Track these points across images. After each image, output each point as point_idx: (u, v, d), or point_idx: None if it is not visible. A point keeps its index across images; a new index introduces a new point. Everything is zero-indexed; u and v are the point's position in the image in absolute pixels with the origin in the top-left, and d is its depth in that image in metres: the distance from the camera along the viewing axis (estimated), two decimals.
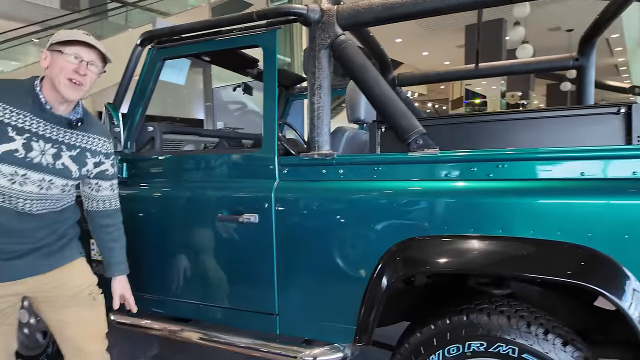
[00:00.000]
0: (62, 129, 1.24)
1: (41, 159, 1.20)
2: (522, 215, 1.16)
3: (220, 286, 1.61)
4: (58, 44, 1.17)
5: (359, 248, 1.36)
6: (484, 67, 2.47)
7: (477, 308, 1.23)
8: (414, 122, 1.34)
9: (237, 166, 1.60)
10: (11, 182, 1.16)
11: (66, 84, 1.17)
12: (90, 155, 1.32)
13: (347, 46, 1.42)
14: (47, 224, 1.27)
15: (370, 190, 1.35)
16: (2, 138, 1.13)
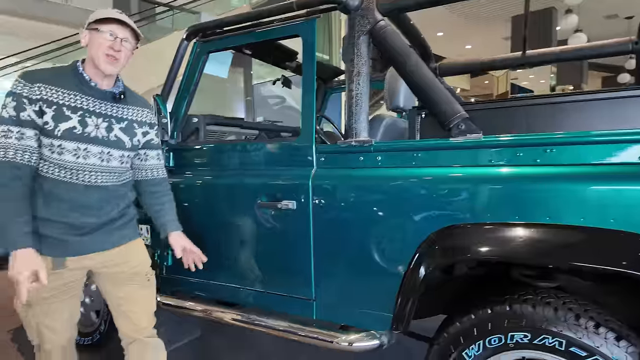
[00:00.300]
0: (108, 104, 1.34)
1: (96, 132, 1.30)
2: (572, 202, 1.10)
3: (258, 271, 1.66)
4: (95, 22, 1.26)
5: (397, 236, 1.35)
6: (532, 55, 2.34)
7: (522, 299, 1.19)
8: (456, 106, 1.31)
9: (275, 155, 1.64)
10: (75, 157, 1.27)
11: (104, 59, 1.27)
12: (137, 126, 1.42)
13: (388, 32, 1.41)
14: (110, 196, 1.36)
15: (409, 177, 1.34)
16: (60, 118, 1.24)
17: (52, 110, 1.24)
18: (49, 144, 1.24)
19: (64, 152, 1.26)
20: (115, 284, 1.41)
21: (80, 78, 1.30)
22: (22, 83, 1.23)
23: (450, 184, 1.26)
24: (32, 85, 1.23)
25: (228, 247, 1.72)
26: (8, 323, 2.66)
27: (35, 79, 1.24)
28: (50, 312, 1.33)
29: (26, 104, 1.21)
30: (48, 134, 1.23)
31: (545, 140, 1.17)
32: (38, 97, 1.22)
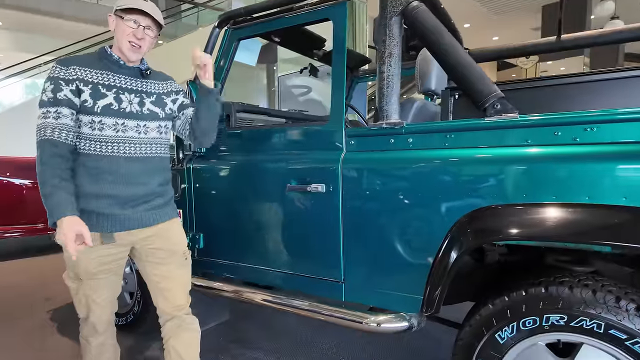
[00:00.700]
0: (137, 80, 1.42)
1: (131, 107, 1.38)
2: (612, 182, 1.07)
3: (288, 253, 1.68)
4: (120, 10, 1.32)
5: (428, 218, 1.34)
6: (567, 39, 2.27)
7: (558, 281, 1.16)
8: (492, 86, 1.28)
9: (305, 139, 1.65)
10: (115, 131, 1.34)
11: (128, 47, 1.35)
12: (165, 97, 1.49)
13: (420, 11, 1.39)
14: (150, 168, 1.42)
15: (442, 159, 1.32)
16: (97, 95, 1.32)
17: (89, 88, 1.31)
18: (90, 121, 1.31)
19: (104, 128, 1.32)
20: (154, 262, 1.47)
21: (110, 58, 1.38)
22: (58, 67, 1.31)
23: (485, 165, 1.25)
24: (68, 68, 1.30)
25: (258, 229, 1.75)
26: (45, 304, 2.81)
27: (70, 62, 1.32)
28: (97, 288, 1.39)
29: (62, 84, 1.28)
30: (88, 111, 1.30)
31: (585, 118, 1.14)
32: (74, 77, 1.29)
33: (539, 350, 1.18)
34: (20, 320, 2.51)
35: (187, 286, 1.54)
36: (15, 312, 2.64)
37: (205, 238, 1.94)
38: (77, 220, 1.24)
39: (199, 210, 1.95)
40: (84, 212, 1.32)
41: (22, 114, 8.60)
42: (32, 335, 2.32)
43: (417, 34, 1.42)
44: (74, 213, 1.24)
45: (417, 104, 1.61)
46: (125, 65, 1.39)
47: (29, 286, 3.18)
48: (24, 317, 2.57)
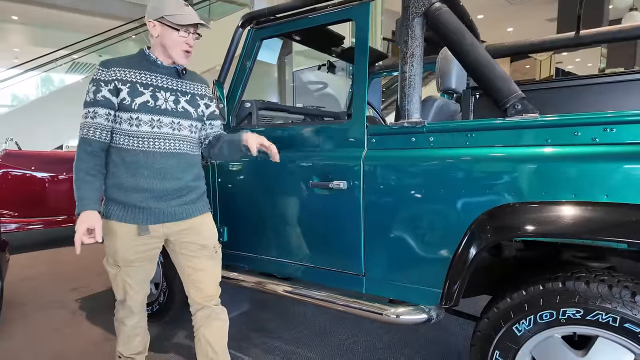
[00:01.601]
0: (173, 79, 1.50)
1: (166, 105, 1.45)
2: (630, 181, 1.10)
3: (310, 247, 1.75)
4: (170, 21, 1.38)
5: (448, 215, 1.39)
6: (586, 35, 2.27)
7: (575, 276, 1.21)
8: (513, 86, 1.32)
9: (328, 136, 1.70)
10: (151, 127, 1.42)
11: (181, 55, 1.45)
12: (199, 99, 1.56)
13: (443, 12, 1.43)
14: (183, 163, 1.49)
15: (463, 157, 1.37)
16: (135, 93, 1.40)
17: (127, 87, 1.39)
18: (128, 118, 1.39)
19: (141, 124, 1.40)
20: (187, 255, 1.54)
21: (148, 59, 1.46)
22: (100, 70, 1.40)
23: (505, 164, 1.29)
24: (108, 70, 1.39)
25: (281, 224, 1.82)
26: (73, 294, 2.93)
27: (110, 64, 1.40)
28: (133, 274, 1.49)
29: (102, 86, 1.38)
30: (126, 108, 1.38)
31: (605, 119, 1.17)
32: (113, 77, 1.38)
33: (555, 342, 1.23)
34: (52, 310, 2.63)
35: (218, 278, 1.62)
36: (46, 302, 2.77)
37: (229, 231, 2.01)
38: (94, 215, 1.35)
39: (223, 204, 2.03)
40: (123, 204, 1.43)
41: (40, 109, 8.77)
42: (65, 322, 2.44)
43: (440, 34, 1.46)
44: (93, 208, 1.36)
45: (438, 102, 1.65)
46: (162, 65, 1.47)
47: (55, 277, 3.31)
48: (55, 306, 2.69)
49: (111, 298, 2.70)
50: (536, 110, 1.28)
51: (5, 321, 2.44)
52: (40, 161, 4.23)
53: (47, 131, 8.77)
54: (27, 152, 4.45)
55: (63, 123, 8.92)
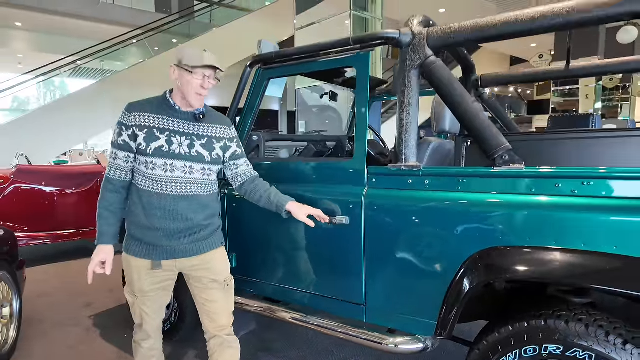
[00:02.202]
0: (190, 124, 1.59)
1: (180, 149, 1.55)
2: (606, 232, 1.23)
3: (315, 277, 1.87)
4: (189, 65, 1.49)
5: (442, 253, 1.51)
6: (576, 68, 2.40)
7: (556, 314, 1.33)
8: (500, 138, 1.44)
9: (331, 173, 1.82)
10: (164, 171, 1.53)
11: (195, 97, 1.54)
12: (215, 142, 1.64)
13: (437, 67, 1.55)
14: (194, 205, 1.59)
15: (455, 201, 1.49)
16: (151, 138, 1.51)
17: (144, 133, 1.51)
18: (144, 161, 1.52)
19: (155, 168, 1.52)
20: (200, 287, 1.67)
21: (168, 104, 1.57)
22: (123, 114, 1.54)
23: (493, 209, 1.41)
24: (130, 114, 1.52)
25: (287, 253, 1.94)
26: (87, 310, 3.05)
27: (133, 109, 1.54)
28: (149, 303, 1.63)
29: (124, 130, 1.52)
30: (142, 152, 1.51)
31: (583, 173, 1.29)
32: (132, 123, 1.51)
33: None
34: (68, 327, 2.76)
35: (230, 309, 1.74)
36: (62, 319, 2.89)
37: (238, 258, 2.14)
38: (108, 249, 1.55)
39: (232, 232, 2.15)
40: (140, 241, 1.57)
41: (43, 117, 8.89)
42: (80, 340, 2.57)
43: (433, 85, 1.58)
44: (108, 242, 1.56)
45: (433, 145, 1.77)
46: (180, 110, 1.57)
47: (68, 293, 3.44)
48: (70, 323, 2.82)
49: (123, 315, 2.84)
50: (522, 162, 1.41)
51: (25, 338, 2.56)
52: (50, 177, 4.36)
53: (51, 138, 8.90)
54: (38, 168, 4.58)
55: (66, 130, 9.05)
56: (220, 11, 13.04)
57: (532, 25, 1.39)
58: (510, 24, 1.42)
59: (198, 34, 11.11)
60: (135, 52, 11.59)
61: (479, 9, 10.06)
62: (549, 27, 1.37)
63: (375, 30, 5.95)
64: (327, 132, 3.38)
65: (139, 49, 11.39)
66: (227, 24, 10.98)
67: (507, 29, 1.43)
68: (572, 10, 1.32)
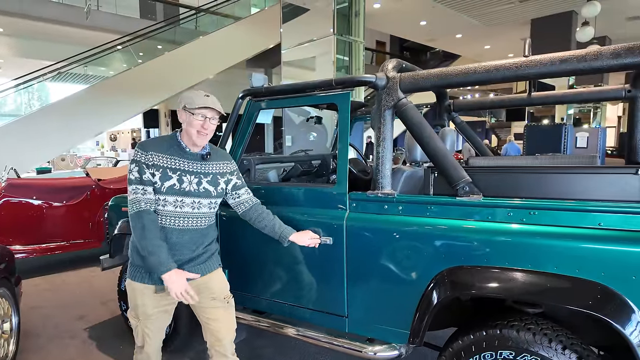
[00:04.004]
0: (198, 163, 1.76)
1: (190, 187, 1.72)
2: (548, 255, 1.46)
3: (301, 291, 2.06)
4: (191, 107, 1.66)
5: (414, 270, 1.73)
6: (537, 97, 2.67)
7: (509, 324, 1.55)
8: (462, 172, 1.67)
9: (316, 198, 2.02)
10: (175, 207, 1.70)
11: (197, 136, 1.70)
12: (219, 177, 1.81)
13: (408, 108, 1.77)
14: (197, 237, 1.76)
15: (425, 225, 1.71)
16: (165, 177, 1.67)
17: (160, 172, 1.67)
18: (158, 199, 1.68)
19: (167, 204, 1.69)
20: (202, 307, 1.82)
21: (179, 145, 1.73)
22: (140, 152, 1.67)
23: (456, 233, 1.63)
24: (147, 153, 1.67)
25: (276, 270, 2.13)
26: (81, 323, 3.17)
27: (148, 148, 1.68)
28: (151, 325, 1.78)
29: (144, 168, 1.66)
30: (157, 190, 1.67)
31: (529, 204, 1.53)
32: (151, 163, 1.66)
33: None
34: (64, 340, 2.88)
35: (232, 325, 1.88)
36: (58, 332, 3.00)
37: (231, 274, 2.31)
38: (180, 272, 1.64)
39: (224, 250, 2.32)
40: (143, 268, 1.70)
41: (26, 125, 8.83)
42: (78, 352, 2.69)
43: (405, 125, 1.80)
44: (175, 266, 1.63)
45: (406, 173, 1.99)
46: (189, 152, 1.73)
47: (62, 305, 3.54)
48: (66, 336, 2.93)
49: (117, 327, 2.97)
50: (479, 193, 1.63)
51: (23, 352, 2.67)
52: (40, 190, 4.44)
53: (33, 147, 8.85)
54: (28, 181, 4.65)
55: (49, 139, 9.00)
56: (206, 17, 13.13)
57: (489, 76, 1.62)
58: (470, 74, 1.65)
59: (184, 40, 11.19)
60: (120, 57, 11.58)
61: (457, 22, 10.45)
62: (502, 78, 1.61)
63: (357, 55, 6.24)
64: (313, 148, 3.58)
65: (123, 54, 11.39)
66: (214, 31, 11.10)
67: (469, 78, 1.65)
68: (519, 65, 1.56)
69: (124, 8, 13.33)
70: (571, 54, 1.48)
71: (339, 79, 1.88)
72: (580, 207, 1.45)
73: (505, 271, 1.53)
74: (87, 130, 9.62)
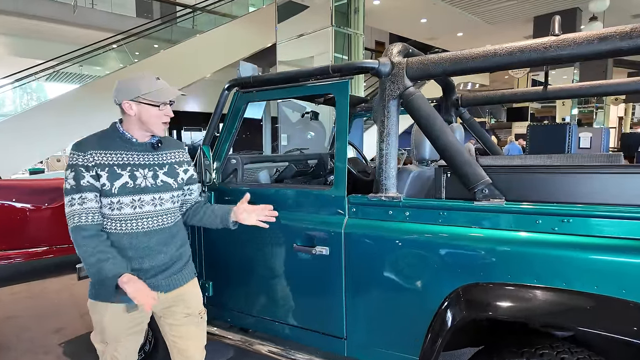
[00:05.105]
0: (149, 154, 1.52)
1: (145, 182, 1.48)
2: (585, 271, 1.21)
3: (294, 308, 1.81)
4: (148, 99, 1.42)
5: (423, 286, 1.48)
6: (553, 90, 2.43)
7: (538, 353, 1.31)
8: (480, 171, 1.42)
9: (311, 201, 1.78)
10: (133, 208, 1.45)
11: (162, 127, 1.48)
12: (177, 167, 1.59)
13: (416, 97, 1.53)
14: (166, 237, 1.53)
15: (436, 233, 1.46)
16: (113, 176, 1.43)
17: (106, 172, 1.42)
18: (109, 203, 1.42)
19: (122, 207, 1.44)
20: (172, 324, 1.59)
21: (123, 137, 1.48)
22: (75, 154, 1.41)
23: (473, 244, 1.39)
24: (85, 154, 1.40)
25: (266, 283, 1.88)
26: (57, 337, 2.92)
27: (86, 147, 1.42)
28: (122, 349, 1.52)
29: (83, 171, 1.39)
30: (106, 193, 1.42)
31: (563, 210, 1.28)
32: (93, 163, 1.40)
33: None
34: (38, 355, 2.62)
35: (203, 343, 1.66)
36: (32, 347, 2.74)
37: (215, 286, 2.07)
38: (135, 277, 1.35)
39: (208, 258, 2.08)
40: None
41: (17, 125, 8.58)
42: None
43: (413, 117, 1.56)
44: (128, 271, 1.36)
45: (413, 174, 1.75)
46: (137, 142, 1.49)
47: (38, 315, 3.28)
48: (40, 351, 2.68)
49: None
50: (502, 197, 1.39)
51: None
52: (22, 192, 4.18)
53: (25, 146, 8.61)
54: (9, 182, 4.39)
55: (42, 138, 8.76)
56: (203, 16, 12.90)
57: (511, 59, 1.38)
58: (489, 57, 1.41)
59: (180, 39, 10.96)
60: (114, 57, 11.36)
61: (459, 20, 10.23)
62: (527, 61, 1.37)
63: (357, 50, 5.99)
64: (310, 146, 3.34)
65: (118, 54, 11.17)
66: (210, 30, 10.87)
67: (487, 63, 1.41)
68: (549, 46, 1.32)
69: (120, 7, 13.11)
70: (612, 30, 1.24)
71: (337, 66, 1.64)
72: (629, 214, 1.21)
73: (533, 290, 1.29)
74: (81, 128, 9.34)
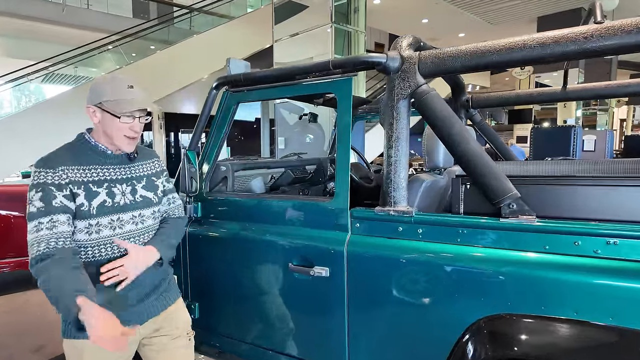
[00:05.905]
0: (125, 167, 1.32)
1: (124, 199, 1.28)
2: (637, 304, 1.01)
3: (289, 335, 1.60)
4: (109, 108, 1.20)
5: (439, 316, 1.28)
6: (573, 90, 2.23)
7: None
8: (507, 184, 1.22)
9: (308, 215, 1.57)
10: (112, 229, 1.25)
11: (126, 142, 1.26)
12: (155, 179, 1.40)
13: (431, 97, 1.32)
14: None
15: (453, 255, 1.26)
16: (90, 194, 1.22)
17: (82, 190, 1.21)
18: (86, 226, 1.21)
19: (102, 229, 1.23)
20: (160, 349, 1.38)
21: (96, 150, 1.28)
22: (43, 171, 1.18)
23: (500, 268, 1.18)
24: (55, 170, 1.18)
25: (258, 306, 1.67)
26: (34, 357, 2.70)
27: (55, 163, 1.19)
28: None
29: (54, 190, 1.16)
30: (84, 215, 1.20)
31: (608, 231, 1.08)
32: (66, 181, 1.18)
33: None
34: None
35: None
36: None
37: (201, 308, 1.85)
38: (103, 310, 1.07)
39: (194, 278, 1.87)
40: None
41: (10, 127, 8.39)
42: None
43: (427, 119, 1.35)
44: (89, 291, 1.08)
45: (425, 184, 1.53)
46: (112, 155, 1.29)
47: (18, 332, 3.06)
48: None
49: None
50: (533, 213, 1.18)
51: None
52: (3, 199, 3.97)
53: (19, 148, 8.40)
54: None
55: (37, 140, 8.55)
56: (200, 17, 12.73)
57: (543, 52, 1.18)
58: (516, 49, 1.20)
59: (177, 40, 10.78)
60: (110, 58, 11.19)
61: (460, 20, 10.06)
62: (561, 54, 1.16)
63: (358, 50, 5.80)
64: (308, 151, 3.14)
65: (114, 55, 11.00)
66: (207, 30, 10.68)
67: (513, 56, 1.21)
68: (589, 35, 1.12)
69: (116, 7, 12.94)
70: None
71: (338, 61, 1.43)
72: None
73: (571, 325, 1.08)
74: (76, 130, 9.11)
